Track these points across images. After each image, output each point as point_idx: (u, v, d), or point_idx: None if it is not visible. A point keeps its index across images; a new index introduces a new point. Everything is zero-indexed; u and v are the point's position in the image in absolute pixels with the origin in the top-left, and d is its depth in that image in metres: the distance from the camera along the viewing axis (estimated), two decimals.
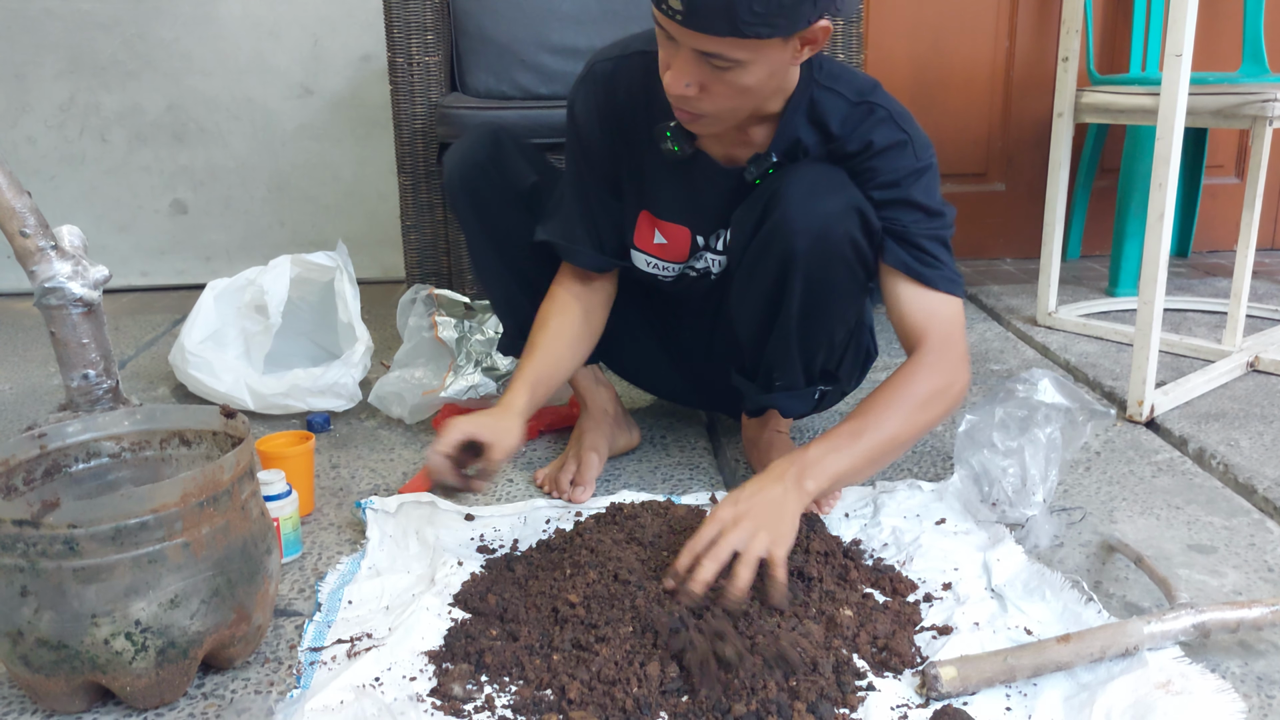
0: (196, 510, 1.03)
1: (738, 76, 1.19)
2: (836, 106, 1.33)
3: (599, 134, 1.45)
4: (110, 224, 3.06)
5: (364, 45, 2.96)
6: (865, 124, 1.33)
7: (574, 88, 1.47)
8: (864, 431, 1.25)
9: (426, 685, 1.07)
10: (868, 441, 1.25)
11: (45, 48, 2.91)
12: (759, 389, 1.50)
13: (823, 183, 1.31)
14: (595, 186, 1.48)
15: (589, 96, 1.44)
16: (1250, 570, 1.31)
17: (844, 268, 1.33)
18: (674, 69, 1.20)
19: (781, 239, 1.31)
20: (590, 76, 1.45)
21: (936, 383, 1.29)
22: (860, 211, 1.31)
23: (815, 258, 1.31)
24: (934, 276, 1.32)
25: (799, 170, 1.33)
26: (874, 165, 1.33)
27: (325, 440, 1.81)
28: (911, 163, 1.32)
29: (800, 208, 1.30)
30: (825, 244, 1.30)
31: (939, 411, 1.30)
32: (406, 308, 1.94)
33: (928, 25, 2.89)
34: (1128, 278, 2.67)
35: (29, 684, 1.03)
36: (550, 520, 1.46)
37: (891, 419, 1.26)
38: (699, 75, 1.20)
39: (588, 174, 1.48)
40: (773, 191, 1.33)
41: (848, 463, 1.24)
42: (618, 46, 1.45)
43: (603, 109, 1.43)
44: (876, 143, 1.32)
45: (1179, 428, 1.77)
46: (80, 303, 1.59)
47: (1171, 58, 1.68)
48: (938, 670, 1.04)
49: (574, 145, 1.48)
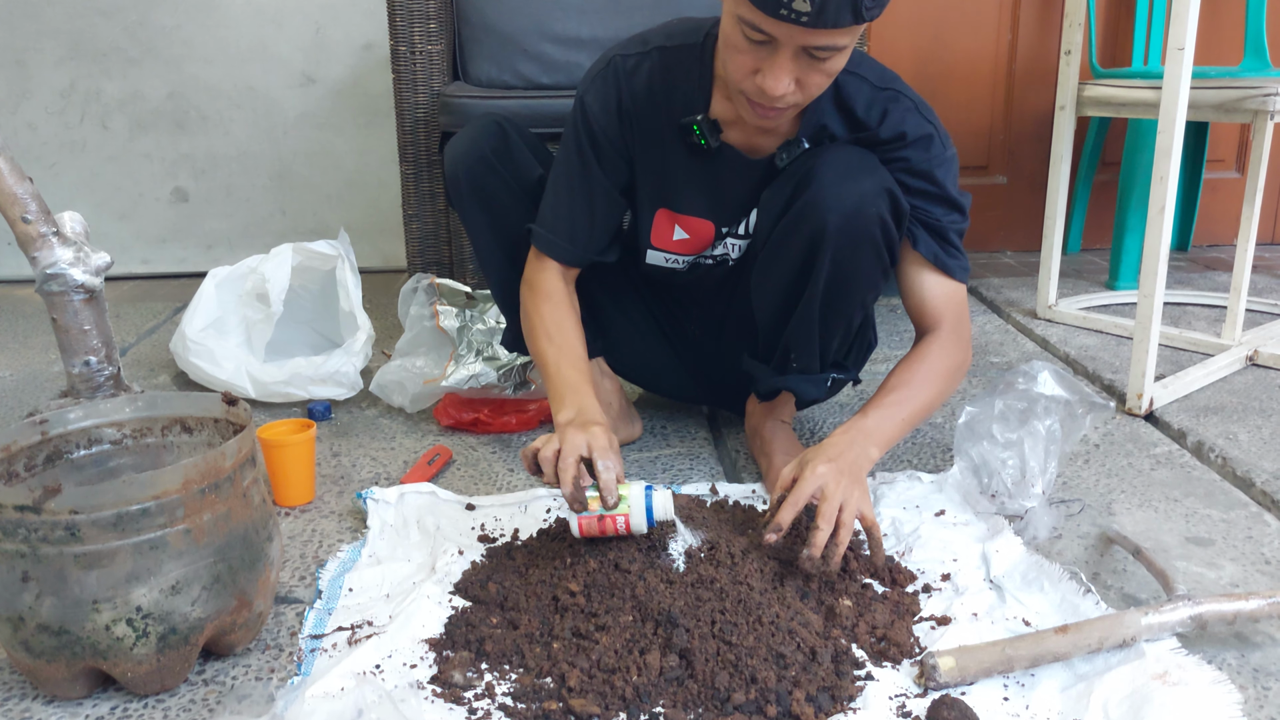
0: (198, 497, 1.03)
1: (835, 63, 1.20)
2: (860, 90, 1.35)
3: (613, 128, 1.43)
4: (111, 211, 3.06)
5: (366, 33, 2.96)
6: (894, 112, 1.35)
7: (588, 82, 1.44)
8: (906, 401, 1.35)
9: (427, 673, 1.08)
10: (910, 409, 1.35)
11: (46, 33, 2.91)
12: (774, 371, 1.51)
13: (855, 164, 1.33)
14: (597, 180, 1.45)
15: (607, 91, 1.42)
16: (1247, 563, 1.32)
17: (871, 248, 1.34)
18: (774, 72, 1.19)
19: (813, 217, 1.32)
20: (609, 71, 1.42)
21: (957, 358, 1.41)
22: (891, 194, 1.32)
23: (846, 236, 1.32)
24: (954, 267, 1.40)
25: (831, 151, 1.34)
26: (906, 155, 1.36)
27: (326, 428, 1.81)
28: (940, 153, 1.37)
29: (833, 187, 1.31)
30: (857, 223, 1.31)
31: (956, 384, 1.42)
32: (408, 296, 1.94)
33: (930, 18, 2.89)
34: (1128, 271, 2.67)
35: (30, 669, 1.04)
36: (550, 509, 1.46)
37: (926, 388, 1.37)
38: (796, 71, 1.19)
39: (590, 167, 1.44)
40: (805, 171, 1.34)
41: (898, 430, 1.34)
42: (636, 43, 1.42)
43: (622, 105, 1.41)
44: (908, 133, 1.35)
45: (1178, 421, 1.77)
46: (82, 289, 1.59)
47: (1173, 51, 1.68)
48: (936, 660, 1.04)
49: (583, 139, 1.44)
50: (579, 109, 1.44)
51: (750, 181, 1.43)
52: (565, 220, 1.46)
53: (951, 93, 2.94)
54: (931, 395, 1.37)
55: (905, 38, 2.89)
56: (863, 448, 1.28)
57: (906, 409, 1.34)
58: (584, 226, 1.46)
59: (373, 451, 1.72)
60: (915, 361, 1.39)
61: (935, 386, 1.37)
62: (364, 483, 1.58)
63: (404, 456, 1.69)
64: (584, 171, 1.45)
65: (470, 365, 1.81)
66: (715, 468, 1.64)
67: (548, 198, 1.48)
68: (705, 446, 1.72)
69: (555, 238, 1.46)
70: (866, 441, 1.29)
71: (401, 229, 2.46)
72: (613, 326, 1.64)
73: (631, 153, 1.45)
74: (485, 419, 1.78)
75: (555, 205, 1.46)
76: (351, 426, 1.83)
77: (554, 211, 1.46)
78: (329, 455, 1.70)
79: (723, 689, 1.01)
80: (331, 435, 1.79)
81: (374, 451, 1.72)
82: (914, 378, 1.37)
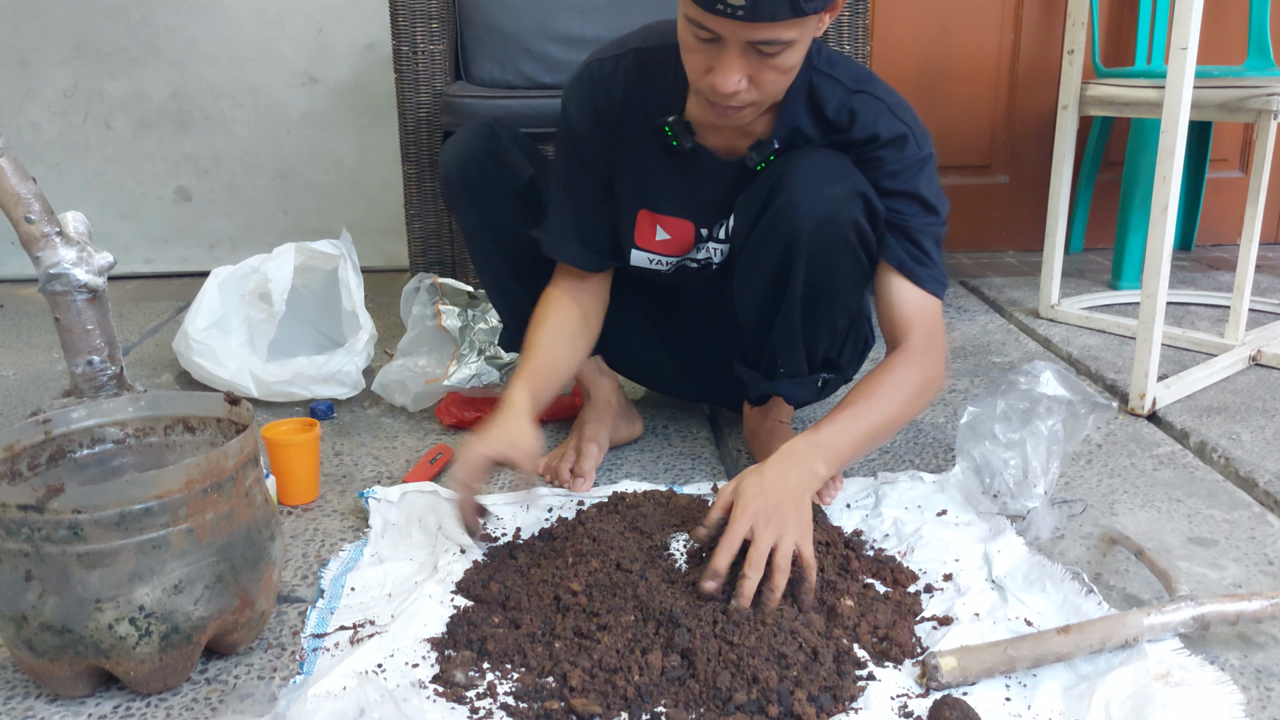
0: (201, 496, 1.03)
1: (785, 58, 1.20)
2: (833, 92, 1.35)
3: (594, 134, 1.44)
4: (114, 211, 3.06)
5: (369, 33, 2.96)
6: (866, 114, 1.34)
7: (568, 88, 1.46)
8: (865, 416, 1.31)
9: (429, 672, 1.08)
10: (869, 425, 1.31)
11: (49, 33, 2.91)
12: (762, 377, 1.51)
13: (827, 168, 1.32)
14: (590, 186, 1.47)
15: (584, 96, 1.44)
16: (1250, 563, 1.32)
17: (848, 253, 1.34)
18: (722, 68, 1.19)
19: (786, 223, 1.32)
20: (585, 76, 1.44)
21: (926, 374, 1.36)
22: (864, 197, 1.32)
23: (820, 242, 1.32)
24: (924, 276, 1.36)
25: (803, 155, 1.34)
26: (879, 155, 1.34)
27: (328, 428, 1.82)
28: (915, 153, 1.35)
29: (805, 192, 1.30)
30: (830, 228, 1.31)
31: (925, 402, 1.38)
32: (410, 296, 1.94)
33: (933, 17, 2.89)
34: (1131, 271, 2.67)
35: (33, 668, 1.04)
36: (552, 508, 1.46)
37: (888, 405, 1.32)
38: (747, 68, 1.19)
39: (581, 174, 1.47)
40: (777, 177, 1.34)
41: (853, 447, 1.30)
42: (613, 46, 1.44)
43: (599, 108, 1.43)
44: (883, 134, 1.34)
45: (1181, 421, 1.77)
46: (85, 289, 1.59)
47: (1177, 51, 1.68)
48: (938, 660, 1.04)
49: (568, 145, 1.47)
50: (563, 116, 1.47)
51: (725, 182, 1.42)
52: (563, 224, 1.48)
53: (954, 92, 2.94)
54: (893, 411, 1.32)
55: (908, 37, 2.89)
56: (808, 465, 1.24)
57: (864, 424, 1.30)
58: (579, 229, 1.47)
59: (375, 451, 1.72)
60: (878, 376, 1.34)
61: (896, 403, 1.32)
62: (366, 482, 1.58)
63: (406, 456, 1.70)
64: (573, 179, 1.47)
65: (472, 364, 1.82)
66: (717, 467, 1.64)
67: (550, 203, 1.50)
68: (707, 446, 1.72)
69: (564, 242, 1.48)
70: (814, 457, 1.25)
71: (404, 228, 2.46)
72: (610, 326, 1.64)
73: (611, 155, 1.46)
74: (487, 418, 1.77)
75: (557, 210, 1.48)
76: (354, 426, 1.84)
77: (557, 217, 1.48)
78: (331, 454, 1.70)
79: (724, 689, 1.01)
80: (334, 434, 1.79)
81: (376, 451, 1.72)
82: (874, 392, 1.32)
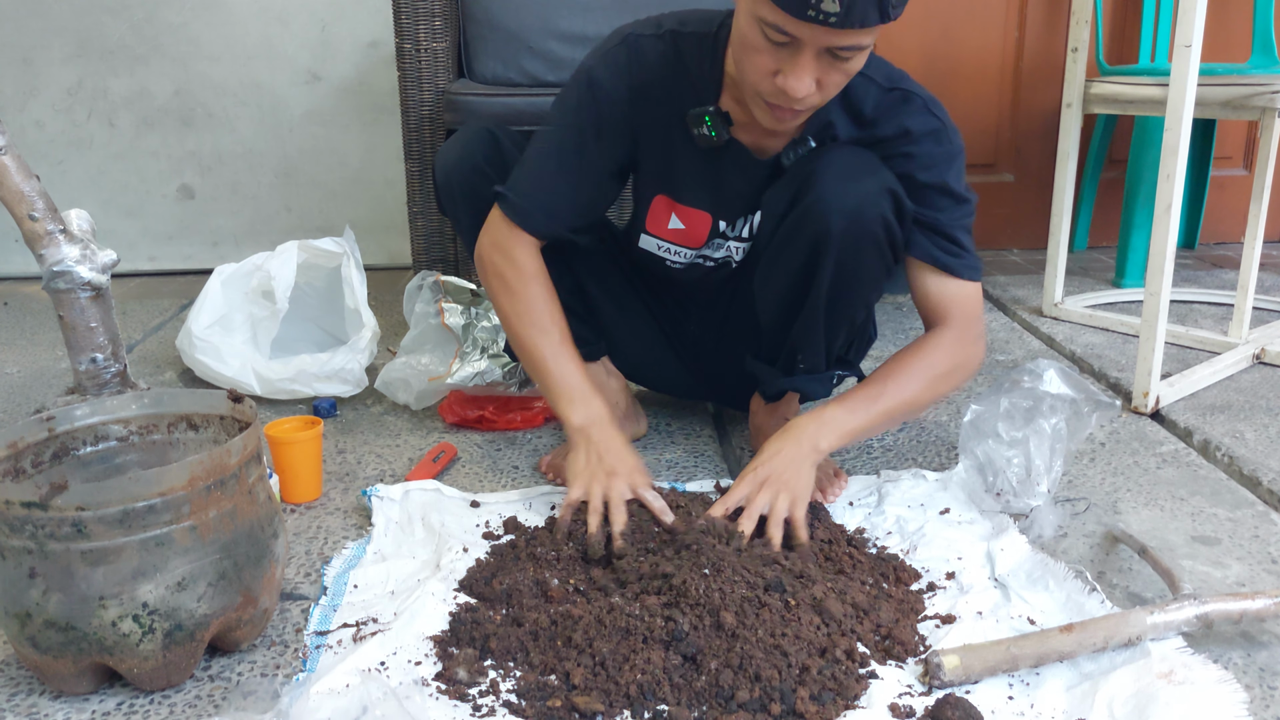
0: (204, 494, 1.03)
1: (855, 63, 1.20)
2: (869, 91, 1.35)
3: (624, 108, 1.39)
4: (118, 209, 3.06)
5: (372, 31, 2.96)
6: (900, 110, 1.35)
7: (600, 55, 1.40)
8: (882, 396, 1.35)
9: (431, 670, 1.08)
10: (885, 405, 1.34)
11: (53, 31, 2.92)
12: (780, 372, 1.51)
13: (856, 164, 1.32)
14: (595, 157, 1.41)
15: (619, 67, 1.38)
16: (1254, 562, 1.32)
17: (875, 249, 1.34)
18: (797, 72, 1.17)
19: (815, 219, 1.31)
20: (623, 47, 1.38)
21: (957, 357, 1.39)
22: (893, 193, 1.32)
23: (849, 238, 1.32)
24: (959, 266, 1.39)
25: (832, 152, 1.34)
26: (910, 151, 1.35)
27: (331, 425, 1.82)
28: (947, 148, 1.37)
29: (835, 188, 1.30)
30: (859, 224, 1.31)
31: (954, 384, 1.40)
32: (413, 294, 1.94)
33: (937, 15, 2.88)
34: (1134, 269, 2.66)
35: (37, 665, 1.04)
36: (555, 506, 1.46)
37: (909, 386, 1.36)
38: (818, 71, 1.19)
39: (592, 141, 1.39)
40: (806, 173, 1.34)
41: (863, 423, 1.34)
42: (651, 24, 1.40)
43: (634, 82, 1.38)
44: (913, 130, 1.35)
45: (1184, 419, 1.77)
46: (88, 286, 1.60)
47: (1181, 48, 1.68)
48: (940, 659, 1.04)
49: (584, 115, 1.39)
50: (585, 83, 1.39)
51: (754, 180, 1.42)
52: (547, 191, 1.41)
53: (958, 90, 2.94)
54: (915, 392, 1.36)
55: (913, 35, 2.88)
56: (811, 440, 1.30)
57: (881, 404, 1.34)
58: (565, 202, 1.41)
59: (378, 449, 1.72)
60: (907, 356, 1.38)
61: (918, 384, 1.36)
62: (369, 480, 1.59)
63: (409, 454, 1.70)
64: (578, 147, 1.40)
65: (475, 362, 1.81)
66: (720, 466, 1.64)
67: (529, 164, 1.42)
68: (710, 444, 1.72)
69: (530, 207, 1.40)
70: (819, 432, 1.30)
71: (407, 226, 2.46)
72: (614, 326, 1.64)
73: (636, 134, 1.42)
74: (490, 416, 1.78)
75: (538, 174, 1.41)
76: (356, 424, 1.84)
77: (535, 180, 1.41)
78: (334, 452, 1.70)
79: (727, 686, 1.01)
80: (337, 432, 1.79)
81: (379, 449, 1.72)
82: (897, 372, 1.37)
